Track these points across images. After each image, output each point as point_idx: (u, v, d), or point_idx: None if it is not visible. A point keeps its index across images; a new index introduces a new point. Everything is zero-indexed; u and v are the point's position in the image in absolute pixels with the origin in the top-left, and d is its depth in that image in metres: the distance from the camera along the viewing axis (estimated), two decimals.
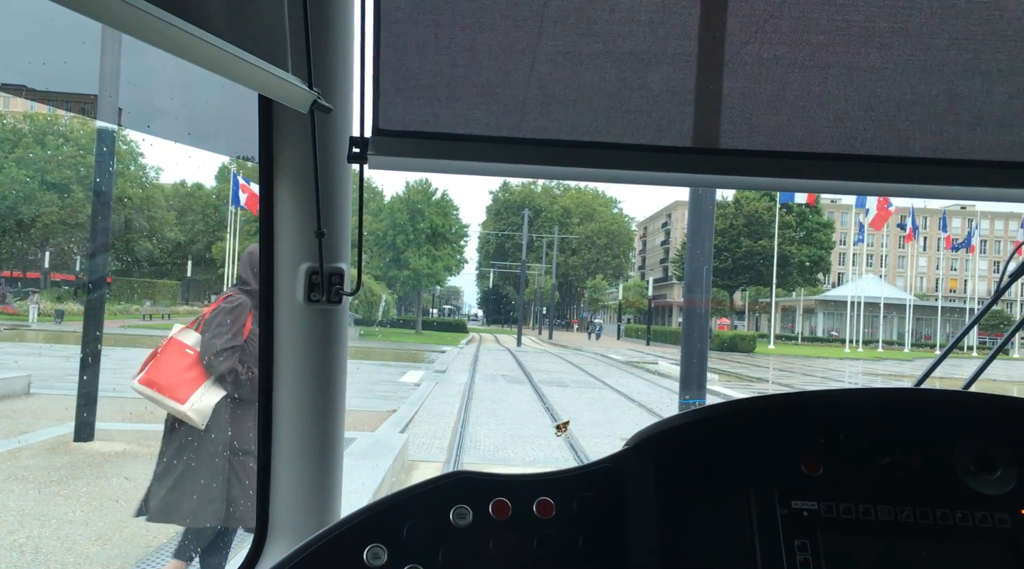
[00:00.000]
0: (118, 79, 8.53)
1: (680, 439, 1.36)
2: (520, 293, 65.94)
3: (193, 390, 3.98)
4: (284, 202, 1.46)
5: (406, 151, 1.34)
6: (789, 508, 1.27)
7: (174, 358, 4.10)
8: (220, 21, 1.04)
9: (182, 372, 4.05)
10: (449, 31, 1.30)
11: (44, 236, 49.54)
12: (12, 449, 10.24)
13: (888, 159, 1.36)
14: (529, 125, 1.35)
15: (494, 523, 1.26)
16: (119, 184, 46.66)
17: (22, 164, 46.90)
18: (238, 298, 4.25)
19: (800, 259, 71.06)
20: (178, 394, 3.98)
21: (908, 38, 1.30)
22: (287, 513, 1.52)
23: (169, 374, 4.04)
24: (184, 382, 4.01)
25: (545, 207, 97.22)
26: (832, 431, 1.33)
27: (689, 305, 10.57)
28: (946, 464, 1.30)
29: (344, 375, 1.54)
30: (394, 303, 65.90)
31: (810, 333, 71.94)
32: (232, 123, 1.74)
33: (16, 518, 7.40)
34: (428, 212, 63.52)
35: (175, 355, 4.10)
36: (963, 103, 1.34)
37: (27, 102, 47.81)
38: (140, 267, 53.19)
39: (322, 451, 1.52)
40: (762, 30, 1.30)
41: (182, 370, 4.05)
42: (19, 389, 14.72)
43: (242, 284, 4.31)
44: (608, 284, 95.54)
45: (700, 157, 1.36)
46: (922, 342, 65.76)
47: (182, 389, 3.99)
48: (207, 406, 3.97)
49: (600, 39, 1.31)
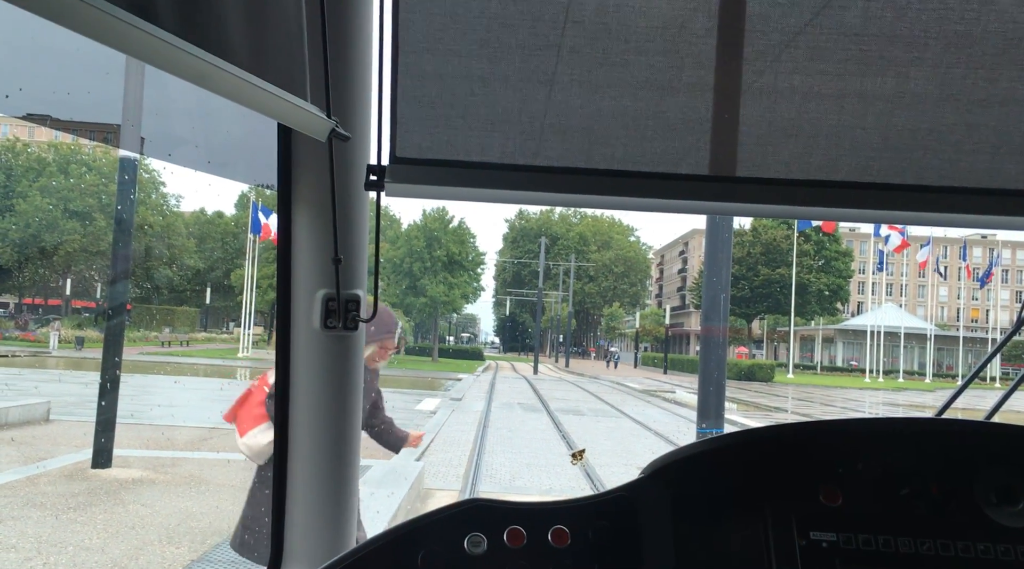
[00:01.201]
0: (140, 108, 8.66)
1: (697, 468, 1.35)
2: (537, 321, 65.82)
3: (254, 426, 4.02)
4: (302, 228, 1.47)
5: (423, 179, 1.35)
6: (808, 539, 1.26)
7: (255, 394, 4.16)
8: (240, 51, 1.06)
9: (253, 408, 4.09)
10: (466, 60, 1.31)
11: (66, 263, 50.14)
12: (31, 475, 10.28)
13: (905, 188, 1.35)
14: (546, 153, 1.36)
15: (509, 551, 1.25)
16: (140, 212, 47.23)
17: (46, 193, 47.61)
18: None
19: (819, 287, 70.64)
20: (242, 427, 4.04)
21: (924, 67, 1.30)
22: (302, 540, 1.51)
23: (244, 408, 4.12)
24: (251, 417, 4.05)
25: (562, 234, 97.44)
26: (851, 461, 1.31)
27: (707, 333, 10.52)
28: (967, 496, 1.28)
29: (360, 402, 1.54)
30: (411, 330, 65.95)
31: (830, 362, 71.30)
32: (251, 151, 1.76)
33: (33, 545, 7.41)
34: (445, 240, 63.71)
35: (257, 392, 4.19)
36: (980, 132, 1.33)
37: (51, 132, 48.64)
38: (159, 294, 53.65)
39: (337, 478, 1.51)
40: (778, 59, 1.31)
41: (254, 406, 4.10)
42: (39, 415, 14.82)
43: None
44: (625, 312, 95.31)
45: (717, 185, 1.36)
46: (944, 372, 65.01)
47: (246, 423, 4.04)
48: (259, 443, 3.99)
49: (617, 68, 1.32)
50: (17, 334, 41.71)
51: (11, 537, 7.59)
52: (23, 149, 50.30)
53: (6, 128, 53.22)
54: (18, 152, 50.15)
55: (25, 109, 2.26)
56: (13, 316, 50.44)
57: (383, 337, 4.21)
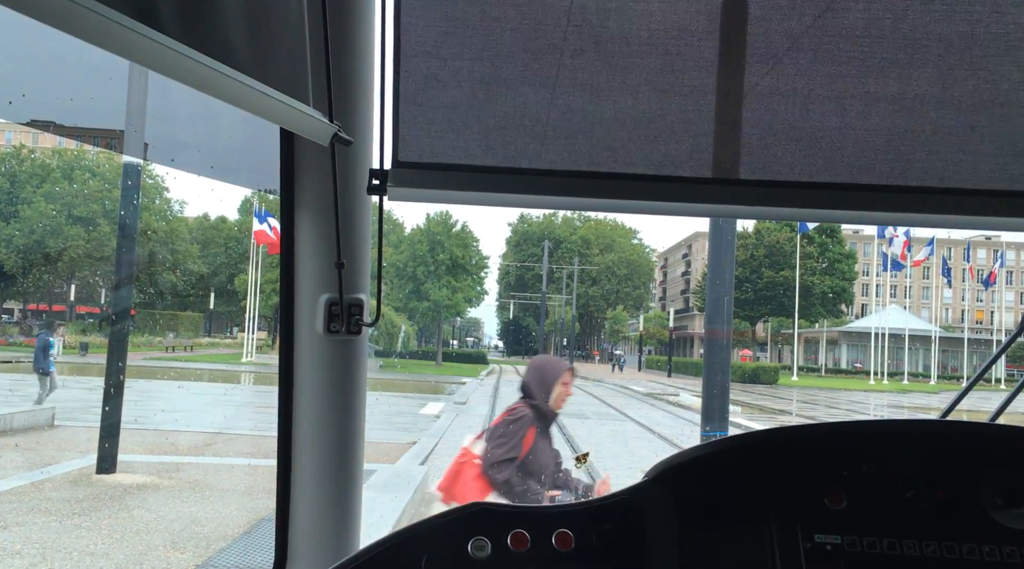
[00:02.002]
0: (144, 114, 8.68)
1: (700, 471, 1.35)
2: (540, 324, 65.78)
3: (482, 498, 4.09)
4: (305, 233, 1.47)
5: (425, 183, 1.35)
6: (812, 542, 1.25)
7: (465, 468, 4.32)
8: (243, 57, 1.06)
9: (471, 482, 4.25)
10: (468, 64, 1.31)
11: (70, 269, 50.19)
12: (36, 481, 10.29)
13: (908, 189, 1.35)
14: (548, 156, 1.36)
15: (513, 555, 1.25)
16: (144, 217, 47.26)
17: (50, 198, 47.66)
18: (522, 411, 4.42)
19: (822, 290, 70.50)
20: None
21: (926, 69, 1.30)
22: (306, 544, 1.51)
23: (459, 484, 4.27)
24: (472, 490, 4.20)
25: (565, 238, 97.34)
26: (856, 463, 1.31)
27: (710, 336, 10.50)
28: (972, 498, 1.28)
29: (363, 406, 1.54)
30: (414, 334, 65.91)
31: (834, 365, 71.10)
32: (254, 156, 1.76)
33: (38, 550, 7.41)
34: (448, 244, 63.68)
35: (468, 466, 4.33)
36: (982, 133, 1.33)
37: (55, 138, 48.72)
38: (163, 299, 53.66)
39: (341, 482, 1.51)
40: (780, 62, 1.31)
41: (471, 479, 4.26)
42: (43, 421, 14.83)
43: (529, 397, 4.46)
44: (629, 315, 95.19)
45: (719, 187, 1.36)
46: (948, 374, 64.79)
47: (469, 498, 4.10)
48: None
49: (619, 71, 1.32)
50: (22, 340, 41.75)
51: (16, 543, 7.59)
52: (27, 155, 50.41)
53: (10, 134, 53.36)
54: (23, 158, 50.25)
55: (29, 115, 2.27)
56: (18, 322, 50.52)
57: (562, 375, 4.45)
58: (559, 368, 4.53)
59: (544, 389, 4.40)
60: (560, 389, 4.45)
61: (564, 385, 4.44)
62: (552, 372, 4.46)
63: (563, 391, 4.46)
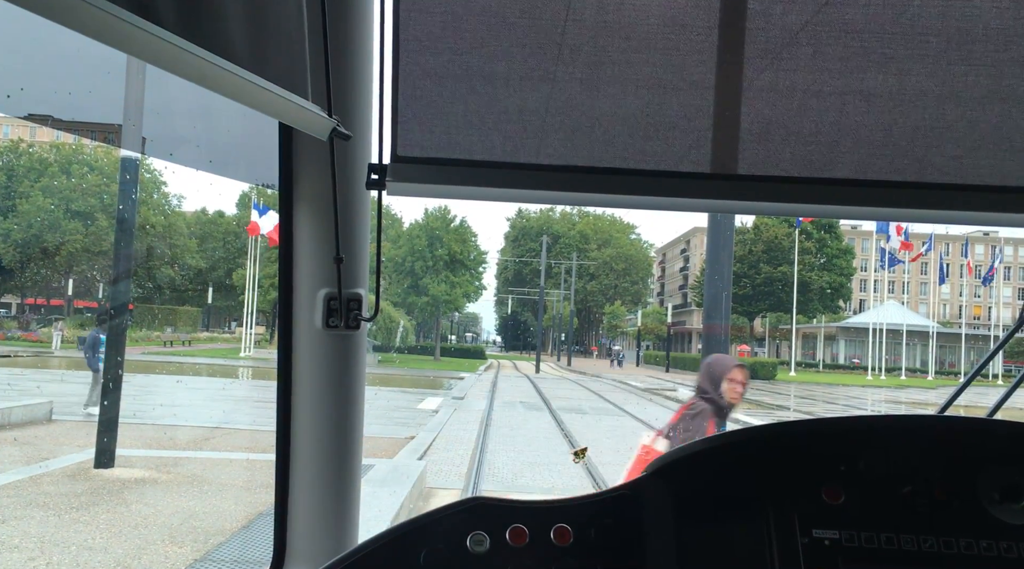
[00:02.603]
0: (142, 108, 8.67)
1: (699, 466, 1.35)
2: (539, 319, 65.81)
3: None
4: (303, 228, 1.47)
5: (424, 177, 1.35)
6: (810, 537, 1.26)
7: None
8: (241, 50, 1.06)
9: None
10: (467, 58, 1.31)
11: (68, 264, 50.17)
12: (34, 475, 10.29)
13: (907, 185, 1.35)
14: (547, 151, 1.36)
15: (511, 550, 1.25)
16: (142, 212, 47.25)
17: (48, 193, 47.62)
18: (700, 405, 4.67)
19: (821, 285, 70.57)
20: None
21: (926, 64, 1.30)
22: (304, 539, 1.51)
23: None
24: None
25: (563, 233, 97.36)
26: (853, 459, 1.31)
27: (709, 331, 10.52)
28: (970, 493, 1.28)
29: (362, 401, 1.54)
30: (412, 329, 66.00)
31: (832, 360, 71.21)
32: (253, 151, 1.76)
33: (36, 544, 7.42)
34: (447, 238, 63.73)
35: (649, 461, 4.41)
36: (982, 129, 1.33)
37: (53, 132, 48.67)
38: (161, 294, 53.66)
39: (340, 477, 1.51)
40: (780, 57, 1.31)
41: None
42: (41, 415, 14.84)
43: (702, 392, 4.72)
44: (627, 310, 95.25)
45: (718, 183, 1.36)
46: (946, 370, 64.92)
47: None
48: None
49: (618, 66, 1.32)
50: (20, 334, 41.77)
51: (14, 537, 7.60)
52: (25, 149, 50.34)
53: (7, 129, 53.29)
54: (20, 153, 50.20)
55: (27, 109, 2.26)
56: (16, 316, 50.51)
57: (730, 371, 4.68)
58: (727, 365, 4.78)
59: (714, 384, 4.66)
60: (729, 384, 4.66)
61: (732, 380, 4.66)
62: (720, 369, 4.71)
63: (732, 386, 4.67)
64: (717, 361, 4.92)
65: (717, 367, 4.76)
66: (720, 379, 4.64)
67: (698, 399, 4.69)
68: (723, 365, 4.79)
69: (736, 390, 4.69)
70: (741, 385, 4.71)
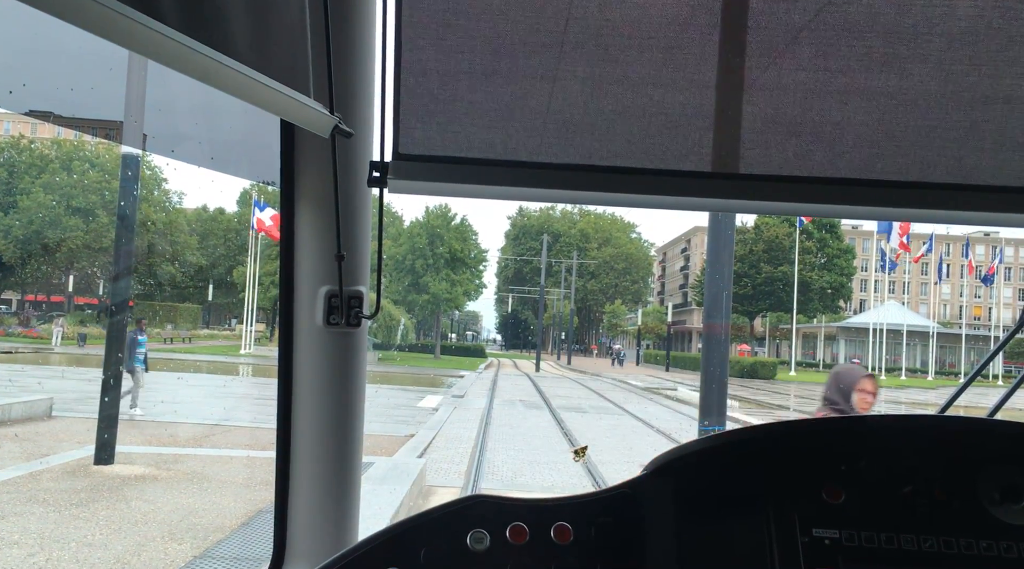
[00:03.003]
0: (143, 105, 8.67)
1: (699, 465, 1.35)
2: (539, 318, 65.81)
3: None
4: (304, 225, 1.47)
5: (425, 175, 1.35)
6: (810, 536, 1.26)
7: None
8: (243, 47, 1.06)
9: None
10: (469, 56, 1.31)
11: (69, 260, 50.16)
12: (34, 471, 10.30)
13: (908, 185, 1.35)
14: (549, 150, 1.36)
15: (511, 548, 1.25)
16: (143, 209, 47.18)
17: (49, 189, 47.59)
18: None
19: (821, 285, 70.60)
20: None
21: (928, 64, 1.30)
22: (304, 536, 1.51)
23: None
24: None
25: (564, 231, 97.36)
26: (854, 458, 1.31)
27: (709, 331, 10.52)
28: (970, 493, 1.28)
29: (362, 399, 1.54)
30: (413, 327, 65.97)
31: (832, 360, 71.06)
32: (254, 148, 1.76)
33: (36, 540, 7.43)
34: (447, 237, 63.73)
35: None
36: (984, 129, 1.33)
37: (54, 128, 48.66)
38: (162, 290, 53.64)
39: (340, 475, 1.51)
40: (781, 56, 1.30)
41: None
42: (41, 411, 14.86)
43: (832, 403, 4.67)
44: (627, 309, 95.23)
45: (719, 182, 1.36)
46: (946, 370, 64.88)
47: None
48: None
49: (619, 64, 1.31)
50: (20, 330, 41.77)
51: (14, 533, 7.60)
52: (26, 145, 50.31)
53: (9, 125, 53.24)
54: (21, 148, 50.16)
55: (28, 105, 2.27)
56: (16, 313, 50.51)
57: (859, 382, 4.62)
58: (856, 375, 4.72)
59: (844, 395, 4.61)
60: (859, 395, 4.60)
61: (862, 391, 4.60)
62: (849, 380, 4.67)
63: (863, 396, 4.60)
64: (847, 371, 4.87)
65: (847, 378, 4.71)
66: (850, 390, 4.58)
67: (827, 410, 4.64)
68: (853, 375, 4.73)
69: (867, 400, 4.62)
70: (872, 395, 4.64)
